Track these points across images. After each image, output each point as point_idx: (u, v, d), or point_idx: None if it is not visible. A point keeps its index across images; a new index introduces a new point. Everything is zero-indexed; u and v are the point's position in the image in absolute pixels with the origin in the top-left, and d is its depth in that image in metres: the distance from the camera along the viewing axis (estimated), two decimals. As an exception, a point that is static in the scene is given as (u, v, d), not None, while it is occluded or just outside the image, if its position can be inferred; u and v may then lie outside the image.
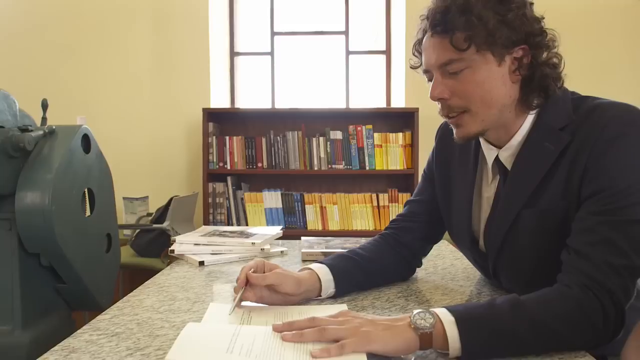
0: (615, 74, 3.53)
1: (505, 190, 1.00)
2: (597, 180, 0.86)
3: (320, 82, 3.96)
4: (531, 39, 0.95)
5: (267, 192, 3.43)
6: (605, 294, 0.79)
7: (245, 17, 3.98)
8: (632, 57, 3.54)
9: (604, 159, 0.86)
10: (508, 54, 0.94)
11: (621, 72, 3.54)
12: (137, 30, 3.62)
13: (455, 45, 0.92)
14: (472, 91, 0.94)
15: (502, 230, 0.99)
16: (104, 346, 0.80)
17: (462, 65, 0.93)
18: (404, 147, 3.34)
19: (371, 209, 3.39)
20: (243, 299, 0.93)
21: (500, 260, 1.03)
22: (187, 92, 3.62)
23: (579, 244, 0.84)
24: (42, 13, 3.62)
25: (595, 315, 0.78)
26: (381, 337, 0.72)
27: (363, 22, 3.94)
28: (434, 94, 0.97)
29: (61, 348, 0.79)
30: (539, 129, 0.97)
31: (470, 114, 0.96)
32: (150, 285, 1.18)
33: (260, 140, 3.40)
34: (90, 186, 1.94)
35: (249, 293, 0.95)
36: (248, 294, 0.95)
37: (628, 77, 3.53)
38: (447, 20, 0.92)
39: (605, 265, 0.80)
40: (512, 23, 0.92)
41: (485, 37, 0.91)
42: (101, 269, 2.01)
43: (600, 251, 0.81)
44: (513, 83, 0.96)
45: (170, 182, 3.59)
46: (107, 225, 2.10)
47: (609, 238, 0.82)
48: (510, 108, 0.98)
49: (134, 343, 0.81)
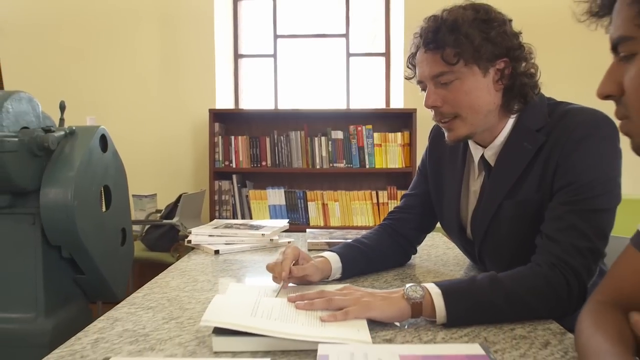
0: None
1: (489, 184, 1.14)
2: (566, 175, 1.00)
3: (322, 83, 4.07)
4: (511, 53, 1.08)
5: (271, 190, 3.56)
6: (570, 271, 0.92)
7: (248, 21, 4.10)
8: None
9: (572, 157, 0.99)
10: (492, 66, 1.08)
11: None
12: (145, 34, 3.75)
13: (446, 60, 1.06)
14: (462, 99, 1.08)
15: (486, 219, 1.13)
16: (143, 317, 0.94)
17: (452, 77, 1.07)
18: (403, 146, 3.47)
19: (371, 206, 3.52)
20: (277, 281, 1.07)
21: (484, 246, 1.16)
22: (193, 93, 3.75)
23: (550, 230, 0.98)
24: (54, 18, 3.75)
25: (561, 290, 0.91)
26: (379, 306, 0.86)
27: (363, 26, 4.05)
28: (428, 103, 1.10)
29: (106, 318, 0.93)
30: (518, 131, 1.11)
31: (460, 119, 1.10)
32: (173, 270, 1.31)
33: (265, 139, 3.53)
34: (107, 183, 2.08)
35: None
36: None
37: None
38: (438, 38, 1.06)
39: (571, 248, 0.94)
40: (495, 39, 1.06)
41: (472, 53, 1.05)
42: (116, 261, 2.15)
43: (567, 235, 0.95)
44: (496, 91, 1.10)
45: (177, 180, 3.72)
46: (122, 220, 2.24)
47: (575, 224, 0.95)
48: (494, 113, 1.11)
49: (168, 314, 0.95)
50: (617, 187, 0.99)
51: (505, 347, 0.78)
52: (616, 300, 0.76)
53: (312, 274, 1.10)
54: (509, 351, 0.77)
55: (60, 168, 1.88)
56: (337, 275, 1.18)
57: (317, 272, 1.11)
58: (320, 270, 1.12)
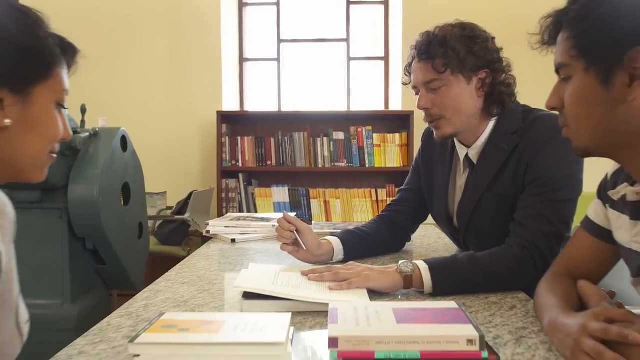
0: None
1: (472, 179, 1.32)
2: (534, 172, 1.18)
3: (323, 86, 4.24)
4: (492, 65, 1.27)
5: (276, 188, 3.74)
6: (536, 252, 1.11)
7: (253, 26, 4.27)
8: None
9: (539, 156, 1.18)
10: (474, 76, 1.26)
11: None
12: (154, 39, 3.93)
13: (436, 69, 1.25)
14: (448, 103, 1.27)
15: (470, 210, 1.31)
16: (179, 289, 1.12)
17: (440, 84, 1.26)
18: (401, 146, 3.66)
19: (370, 203, 3.71)
20: (284, 249, 1.30)
21: (468, 233, 1.35)
22: (201, 95, 3.92)
23: (520, 217, 1.16)
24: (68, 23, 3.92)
25: (528, 267, 1.10)
26: (377, 278, 1.04)
27: (363, 31, 4.22)
28: (420, 105, 1.29)
29: (149, 290, 1.11)
30: (496, 133, 1.29)
31: (446, 120, 1.28)
32: (197, 255, 1.50)
33: (270, 140, 3.72)
34: (126, 181, 2.26)
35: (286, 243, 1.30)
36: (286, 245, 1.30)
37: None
38: (430, 50, 1.25)
39: (538, 232, 1.12)
40: (478, 53, 1.25)
41: (458, 64, 1.24)
42: (135, 253, 2.33)
43: (535, 222, 1.14)
44: (478, 97, 1.28)
45: (185, 178, 3.90)
46: (139, 215, 2.43)
47: (542, 212, 1.14)
48: (476, 116, 1.30)
49: (201, 287, 1.13)
50: (578, 182, 1.17)
51: (478, 310, 0.97)
52: (568, 272, 0.95)
53: (308, 233, 1.29)
54: (481, 312, 0.95)
55: (86, 167, 2.06)
56: (339, 257, 1.36)
57: (316, 241, 1.31)
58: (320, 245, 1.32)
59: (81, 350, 0.78)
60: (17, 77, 0.69)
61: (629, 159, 0.79)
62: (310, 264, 1.30)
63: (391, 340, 0.70)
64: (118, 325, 0.89)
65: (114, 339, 0.83)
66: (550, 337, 0.78)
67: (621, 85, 0.72)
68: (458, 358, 0.69)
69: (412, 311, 0.80)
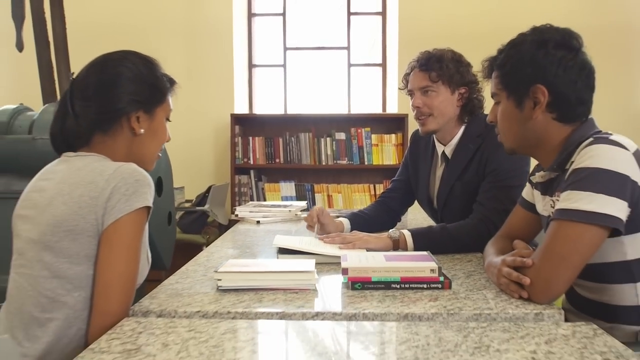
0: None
1: (447, 171, 1.72)
2: (492, 165, 1.58)
3: (326, 90, 4.59)
4: (470, 85, 1.67)
5: (283, 183, 4.14)
6: (490, 223, 1.50)
7: (261, 35, 4.63)
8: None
9: (495, 154, 1.57)
10: (457, 90, 1.66)
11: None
12: (172, 48, 4.29)
13: (431, 79, 1.65)
14: (436, 105, 1.66)
15: (445, 194, 1.71)
16: (228, 251, 1.51)
17: (432, 90, 1.66)
18: (396, 146, 4.05)
19: (369, 197, 4.10)
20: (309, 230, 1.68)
21: (445, 212, 1.74)
22: (215, 99, 4.30)
23: (481, 198, 1.56)
24: (94, 35, 4.31)
25: (484, 234, 1.48)
26: (373, 241, 1.44)
27: (362, 39, 4.56)
28: (415, 103, 1.69)
29: (193, 261, 1.47)
30: (466, 135, 1.68)
31: (433, 117, 1.68)
32: (229, 234, 1.89)
33: (278, 140, 4.11)
34: (160, 175, 2.64)
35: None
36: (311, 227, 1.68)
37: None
38: (429, 64, 1.65)
39: (492, 209, 1.52)
40: (462, 73, 1.65)
41: (448, 77, 1.64)
42: (165, 237, 2.72)
43: (490, 201, 1.53)
44: (457, 106, 1.68)
45: (201, 175, 4.28)
46: (169, 205, 2.82)
47: (496, 195, 1.53)
48: (453, 120, 1.69)
49: (242, 251, 1.53)
50: (524, 173, 1.55)
51: (446, 262, 1.36)
52: (508, 234, 1.34)
53: (330, 224, 1.68)
54: (447, 263, 1.34)
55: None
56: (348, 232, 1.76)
57: (334, 225, 1.69)
58: (336, 226, 1.70)
59: (177, 281, 1.17)
60: (148, 103, 1.08)
61: (538, 155, 1.19)
62: None
63: (382, 269, 1.10)
64: (193, 269, 1.28)
65: (196, 273, 1.22)
66: (486, 272, 1.18)
67: (529, 109, 1.12)
68: (424, 280, 1.09)
69: (396, 255, 1.19)
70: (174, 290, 1.11)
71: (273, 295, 1.06)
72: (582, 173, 1.01)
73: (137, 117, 1.08)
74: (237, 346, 0.82)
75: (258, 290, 1.07)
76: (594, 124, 1.13)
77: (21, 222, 1.03)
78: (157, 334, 0.86)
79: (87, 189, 0.97)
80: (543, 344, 0.81)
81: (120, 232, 0.96)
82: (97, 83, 1.07)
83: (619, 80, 4.22)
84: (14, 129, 2.66)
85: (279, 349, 0.87)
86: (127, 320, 0.94)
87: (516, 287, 1.03)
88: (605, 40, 4.15)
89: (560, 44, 1.09)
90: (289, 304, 1.00)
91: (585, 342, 0.82)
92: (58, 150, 1.10)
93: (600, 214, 0.97)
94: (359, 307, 0.98)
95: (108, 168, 1.00)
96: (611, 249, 1.06)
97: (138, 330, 0.88)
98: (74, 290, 0.97)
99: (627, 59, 4.23)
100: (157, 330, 0.88)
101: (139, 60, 1.10)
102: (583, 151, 1.04)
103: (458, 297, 1.05)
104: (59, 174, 1.03)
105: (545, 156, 1.17)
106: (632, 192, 1.00)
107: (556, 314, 0.96)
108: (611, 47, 4.18)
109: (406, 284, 1.09)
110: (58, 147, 1.10)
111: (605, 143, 1.03)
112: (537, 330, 0.87)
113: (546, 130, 1.13)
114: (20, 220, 1.04)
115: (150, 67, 1.11)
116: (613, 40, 4.18)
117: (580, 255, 0.99)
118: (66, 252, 0.96)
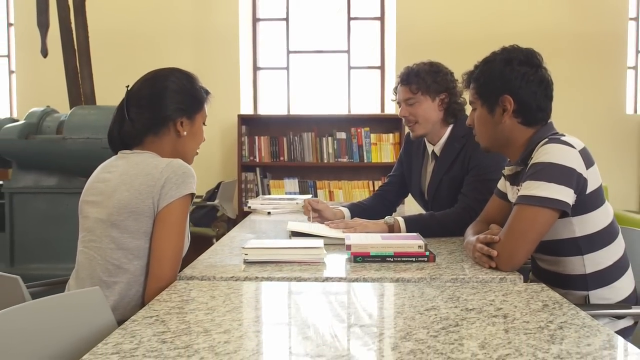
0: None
1: (436, 167, 1.97)
2: (474, 161, 1.83)
3: (327, 92, 4.84)
4: (449, 90, 1.91)
5: (287, 180, 4.39)
6: (472, 211, 1.74)
7: (265, 39, 4.88)
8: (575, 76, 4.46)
9: (477, 151, 1.81)
10: (437, 97, 1.91)
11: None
12: (180, 52, 4.54)
13: (411, 91, 1.89)
14: (419, 113, 1.91)
15: (434, 187, 1.96)
16: (246, 235, 1.76)
17: (414, 101, 1.90)
18: (394, 145, 4.30)
19: (368, 193, 4.35)
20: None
21: (434, 203, 1.99)
22: (222, 100, 4.52)
23: (464, 190, 1.81)
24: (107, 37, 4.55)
25: (467, 220, 1.72)
26: (372, 227, 1.69)
27: (362, 43, 4.82)
28: (401, 114, 1.94)
29: (219, 243, 1.73)
30: (452, 136, 1.93)
31: (418, 124, 1.92)
32: (246, 222, 2.14)
33: (282, 139, 4.36)
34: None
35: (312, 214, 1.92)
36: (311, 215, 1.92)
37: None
38: (408, 78, 1.90)
39: (473, 198, 1.77)
40: (440, 82, 1.89)
41: (426, 88, 1.88)
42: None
43: (472, 192, 1.78)
44: (439, 111, 1.92)
45: (210, 172, 4.53)
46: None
47: (476, 187, 1.78)
48: (438, 123, 1.94)
49: (258, 235, 1.78)
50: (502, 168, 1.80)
51: (432, 243, 1.61)
52: (485, 219, 1.58)
53: (326, 210, 1.92)
54: (433, 244, 1.59)
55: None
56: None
57: (332, 213, 1.93)
58: (335, 214, 1.95)
59: (210, 256, 1.42)
60: (190, 110, 1.34)
61: (507, 152, 1.44)
62: None
63: (378, 246, 1.35)
64: (221, 249, 1.54)
65: (223, 251, 1.48)
66: (465, 249, 1.43)
67: (499, 114, 1.37)
68: (413, 255, 1.34)
69: (391, 235, 1.45)
70: (209, 263, 1.35)
71: (290, 266, 1.31)
72: (538, 167, 1.27)
73: (181, 122, 1.33)
74: (266, 298, 1.07)
75: (277, 262, 1.32)
76: (552, 126, 1.39)
77: (89, 206, 1.29)
78: (204, 290, 1.11)
79: (145, 179, 1.23)
80: (501, 295, 1.06)
81: (171, 213, 1.21)
82: (149, 95, 1.32)
83: (604, 83, 4.47)
84: (43, 130, 2.91)
85: (297, 300, 1.12)
86: (177, 282, 1.19)
87: (487, 259, 1.28)
88: (590, 46, 4.41)
89: (524, 62, 1.35)
90: (304, 272, 1.25)
91: (533, 294, 1.07)
92: (114, 148, 1.36)
93: (551, 199, 1.23)
94: (360, 274, 1.23)
95: (161, 163, 1.26)
96: (562, 228, 1.31)
97: (189, 289, 1.13)
98: (134, 260, 1.22)
99: (611, 63, 4.48)
100: (204, 288, 1.13)
101: (182, 75, 1.35)
102: (540, 149, 1.29)
103: (440, 268, 1.30)
104: (120, 167, 1.28)
105: (513, 153, 1.42)
106: (577, 182, 1.25)
107: (516, 279, 1.21)
108: (597, 53, 4.43)
109: (398, 258, 1.34)
110: (115, 146, 1.35)
111: (557, 142, 1.28)
112: (498, 288, 1.12)
113: (513, 132, 1.38)
114: (87, 205, 1.29)
115: (191, 81, 1.36)
116: (598, 46, 4.43)
117: (536, 233, 1.25)
118: (129, 229, 1.22)
